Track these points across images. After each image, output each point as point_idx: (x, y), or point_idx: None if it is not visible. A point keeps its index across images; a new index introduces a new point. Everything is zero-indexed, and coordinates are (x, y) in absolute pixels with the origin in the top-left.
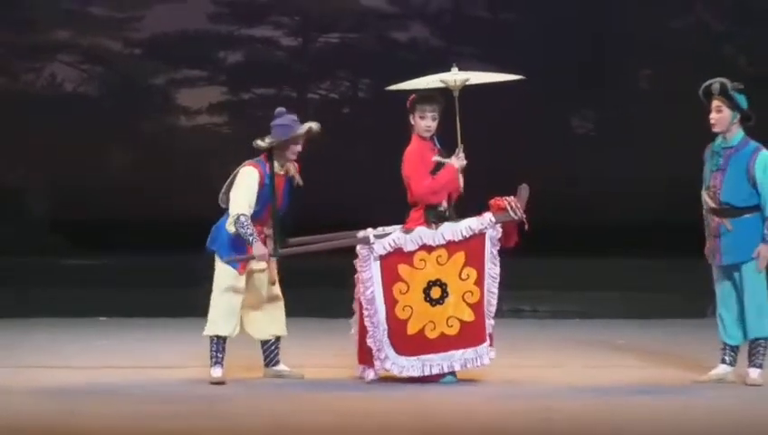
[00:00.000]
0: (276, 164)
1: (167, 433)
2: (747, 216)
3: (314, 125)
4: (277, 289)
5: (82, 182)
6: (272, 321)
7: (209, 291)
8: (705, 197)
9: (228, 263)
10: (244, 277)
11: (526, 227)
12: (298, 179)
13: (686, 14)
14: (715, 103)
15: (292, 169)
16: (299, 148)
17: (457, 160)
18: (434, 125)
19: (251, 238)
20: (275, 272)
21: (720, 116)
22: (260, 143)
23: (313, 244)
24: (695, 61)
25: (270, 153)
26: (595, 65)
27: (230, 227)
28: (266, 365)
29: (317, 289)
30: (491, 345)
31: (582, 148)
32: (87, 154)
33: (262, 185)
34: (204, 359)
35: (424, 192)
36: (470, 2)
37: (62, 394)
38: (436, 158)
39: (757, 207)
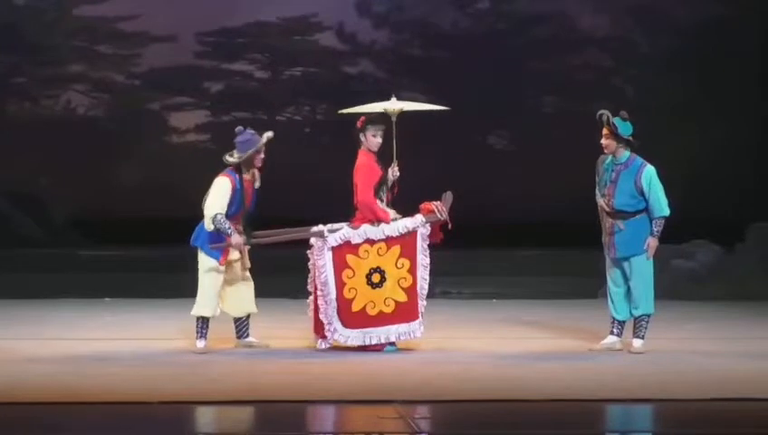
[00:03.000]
0: (247, 172)
1: (160, 391)
2: (636, 217)
3: (269, 134)
4: (248, 274)
5: (93, 188)
6: (244, 300)
7: (195, 278)
8: (601, 202)
9: (211, 252)
10: (223, 268)
11: (450, 226)
12: (257, 182)
13: (580, 53)
14: (604, 131)
15: (256, 173)
16: (263, 156)
17: (393, 173)
18: (380, 141)
19: (229, 231)
20: (247, 259)
21: (608, 142)
22: (230, 159)
23: (278, 235)
24: (589, 90)
25: (239, 165)
26: (509, 94)
27: (209, 226)
28: (238, 337)
29: (281, 275)
30: (422, 322)
31: (498, 160)
32: (97, 166)
33: (234, 191)
34: (189, 332)
35: (365, 202)
36: (408, 43)
37: (77, 360)
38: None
39: (644, 210)
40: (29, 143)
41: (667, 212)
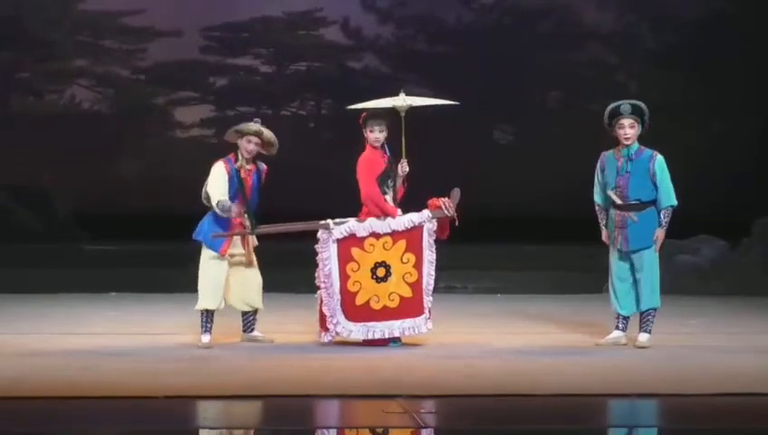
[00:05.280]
0: (241, 160)
1: (165, 385)
2: (648, 209)
3: (265, 132)
4: (256, 269)
5: (98, 183)
6: (250, 295)
7: (198, 273)
8: (612, 196)
9: (212, 243)
10: (226, 260)
11: (456, 223)
12: (262, 173)
13: (584, 48)
14: (629, 121)
15: (261, 166)
16: (251, 147)
17: (402, 169)
18: (382, 137)
19: (232, 208)
20: (252, 255)
21: (634, 131)
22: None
23: (284, 227)
24: (593, 86)
25: (236, 152)
26: (512, 89)
27: (216, 209)
28: (244, 331)
29: (286, 269)
30: (429, 318)
31: (503, 155)
32: (101, 161)
33: (230, 176)
34: (194, 327)
35: (369, 196)
36: (412, 38)
37: (81, 355)
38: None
39: (655, 201)
40: (32, 138)
41: (675, 202)
